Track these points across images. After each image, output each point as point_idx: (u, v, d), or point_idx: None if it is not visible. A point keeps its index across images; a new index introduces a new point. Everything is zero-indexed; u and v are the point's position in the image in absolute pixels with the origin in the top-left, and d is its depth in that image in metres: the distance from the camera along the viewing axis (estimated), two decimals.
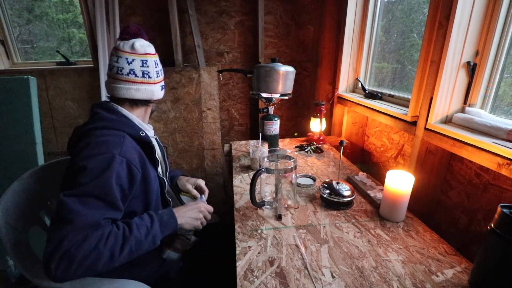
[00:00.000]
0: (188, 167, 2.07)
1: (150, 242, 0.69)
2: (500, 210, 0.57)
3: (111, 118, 0.77)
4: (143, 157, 0.78)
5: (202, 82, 1.92)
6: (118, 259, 0.63)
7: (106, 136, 0.72)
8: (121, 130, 0.75)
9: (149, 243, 0.69)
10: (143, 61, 0.81)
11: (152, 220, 0.72)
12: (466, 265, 0.69)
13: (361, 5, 1.64)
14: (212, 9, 1.93)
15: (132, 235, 0.66)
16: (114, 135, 0.73)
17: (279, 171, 0.87)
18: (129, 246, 0.65)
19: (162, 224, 0.73)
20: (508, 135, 0.78)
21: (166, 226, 0.74)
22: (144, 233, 0.69)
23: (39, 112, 1.83)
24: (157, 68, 0.85)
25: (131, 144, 0.75)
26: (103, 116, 0.77)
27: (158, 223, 0.72)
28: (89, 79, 1.92)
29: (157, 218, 0.73)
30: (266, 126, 1.35)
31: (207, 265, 0.97)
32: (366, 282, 0.64)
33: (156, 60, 0.86)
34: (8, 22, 1.93)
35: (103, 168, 0.66)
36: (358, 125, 1.72)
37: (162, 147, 1.00)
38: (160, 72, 0.87)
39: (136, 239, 0.66)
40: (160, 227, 0.72)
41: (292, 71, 1.27)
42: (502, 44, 0.88)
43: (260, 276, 0.67)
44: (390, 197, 0.86)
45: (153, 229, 0.70)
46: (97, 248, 0.60)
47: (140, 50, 0.81)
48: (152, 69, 0.83)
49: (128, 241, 0.65)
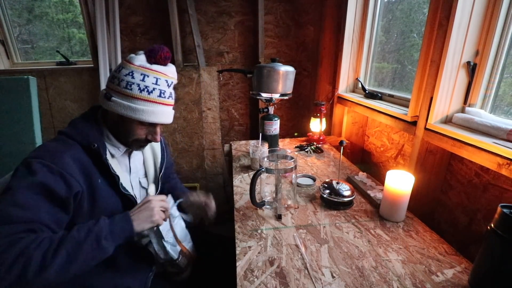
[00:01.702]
0: (188, 167, 2.07)
1: (92, 242, 0.63)
2: (500, 210, 0.57)
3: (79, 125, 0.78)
4: (89, 170, 0.73)
5: (202, 82, 1.92)
6: (52, 264, 0.57)
7: (53, 142, 0.73)
8: (74, 139, 0.74)
9: (92, 245, 0.63)
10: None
11: (98, 221, 0.68)
12: (466, 265, 0.69)
13: (361, 5, 1.64)
14: (212, 9, 1.93)
15: (68, 236, 0.62)
16: (63, 141, 0.73)
17: (279, 171, 0.87)
18: (64, 249, 0.59)
19: (111, 224, 0.68)
20: (508, 135, 0.78)
21: (118, 226, 0.69)
22: (84, 233, 0.64)
23: (39, 112, 1.83)
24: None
25: (73, 156, 0.71)
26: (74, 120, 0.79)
27: (104, 223, 0.68)
28: (89, 79, 1.92)
29: (105, 219, 0.69)
30: (266, 126, 1.35)
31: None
32: (366, 282, 0.64)
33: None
34: (8, 22, 1.93)
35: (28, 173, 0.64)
36: (358, 125, 1.72)
37: (159, 162, 0.97)
38: None
39: (74, 240, 0.62)
40: (108, 226, 0.68)
41: (292, 71, 1.27)
42: (502, 44, 0.88)
43: (260, 276, 0.67)
44: (390, 197, 0.86)
45: (97, 228, 0.66)
46: (26, 252, 0.56)
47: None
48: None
49: (64, 243, 0.60)
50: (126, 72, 0.75)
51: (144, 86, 0.75)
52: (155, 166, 0.99)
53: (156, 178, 0.98)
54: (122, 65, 0.77)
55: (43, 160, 0.66)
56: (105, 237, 0.65)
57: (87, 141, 0.74)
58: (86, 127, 0.78)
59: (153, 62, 0.78)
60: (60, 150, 0.70)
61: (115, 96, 0.75)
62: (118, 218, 0.72)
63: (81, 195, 0.71)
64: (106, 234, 0.66)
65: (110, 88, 0.77)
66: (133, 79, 0.75)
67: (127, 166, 0.89)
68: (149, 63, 0.77)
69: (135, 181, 0.91)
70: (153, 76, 0.76)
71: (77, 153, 0.72)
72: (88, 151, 0.74)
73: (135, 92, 0.74)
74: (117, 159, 0.84)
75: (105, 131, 0.82)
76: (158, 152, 1.00)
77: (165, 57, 0.79)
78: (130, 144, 0.84)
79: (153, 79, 0.76)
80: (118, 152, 0.84)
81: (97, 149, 0.74)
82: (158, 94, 0.77)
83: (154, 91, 0.77)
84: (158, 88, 0.77)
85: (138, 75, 0.75)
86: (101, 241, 0.64)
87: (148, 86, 0.76)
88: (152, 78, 0.76)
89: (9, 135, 1.76)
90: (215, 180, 2.12)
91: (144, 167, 0.96)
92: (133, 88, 0.74)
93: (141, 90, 0.75)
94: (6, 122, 1.75)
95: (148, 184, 0.95)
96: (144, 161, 0.96)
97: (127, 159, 0.89)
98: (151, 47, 0.78)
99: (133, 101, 0.75)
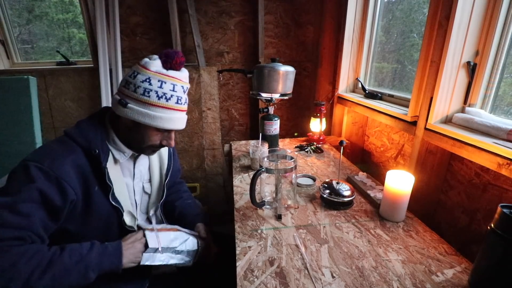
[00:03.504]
0: (188, 167, 2.07)
1: (81, 271, 0.63)
2: (500, 210, 0.57)
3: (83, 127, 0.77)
4: (87, 177, 0.72)
5: (202, 82, 1.92)
6: (36, 286, 0.57)
7: (56, 143, 0.73)
8: (77, 142, 0.72)
9: (79, 273, 0.63)
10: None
11: (91, 248, 0.67)
12: (466, 265, 0.69)
13: (361, 5, 1.64)
14: (212, 9, 1.93)
15: (59, 259, 0.61)
16: (65, 144, 0.72)
17: (279, 171, 0.87)
18: (52, 273, 0.59)
19: (103, 255, 0.67)
20: (508, 135, 0.78)
21: (108, 260, 0.68)
22: (76, 260, 0.63)
23: (39, 112, 1.83)
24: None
25: (74, 161, 0.70)
26: (80, 122, 0.78)
27: (97, 253, 0.66)
28: (89, 79, 1.92)
29: (98, 247, 0.68)
30: (266, 126, 1.35)
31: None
32: (366, 282, 0.64)
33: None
34: (8, 22, 1.93)
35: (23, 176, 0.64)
36: (358, 125, 1.72)
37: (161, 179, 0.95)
38: None
39: (64, 265, 0.61)
40: (99, 257, 0.66)
41: (292, 71, 1.27)
42: (502, 44, 0.88)
43: (260, 276, 0.67)
44: (390, 197, 0.86)
45: (88, 258, 0.65)
46: (16, 266, 0.55)
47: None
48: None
49: (53, 266, 0.60)
50: (143, 78, 0.73)
51: (162, 93, 0.74)
52: (160, 172, 0.96)
53: (161, 185, 0.96)
54: (137, 70, 0.74)
55: (42, 166, 0.65)
56: (93, 269, 0.65)
57: (88, 146, 0.73)
58: (91, 130, 0.76)
59: (169, 68, 0.76)
60: (61, 155, 0.69)
61: (131, 103, 0.73)
62: (110, 249, 0.70)
63: (75, 203, 0.70)
64: (94, 266, 0.65)
65: (125, 94, 0.75)
66: (151, 86, 0.73)
67: (131, 171, 0.87)
68: (165, 68, 0.76)
69: (138, 187, 0.89)
70: (170, 82, 0.75)
71: (78, 159, 0.71)
72: (89, 155, 0.73)
73: (153, 99, 0.73)
74: (121, 164, 0.83)
75: (111, 135, 0.80)
76: (165, 158, 0.98)
77: (180, 62, 0.77)
78: (143, 149, 0.82)
79: (171, 86, 0.75)
80: (123, 157, 0.82)
81: (98, 155, 0.73)
82: (176, 101, 0.77)
83: (172, 98, 0.75)
84: (175, 95, 0.76)
85: (156, 81, 0.73)
86: (88, 272, 0.64)
87: (166, 93, 0.74)
88: (170, 84, 0.75)
89: (9, 135, 1.76)
90: (215, 180, 2.12)
91: (149, 172, 0.94)
92: (151, 95, 0.73)
93: (159, 97, 0.74)
94: (6, 122, 1.75)
95: (152, 190, 0.93)
96: (150, 166, 0.94)
97: (131, 164, 0.87)
98: (166, 51, 0.76)
99: (152, 108, 0.73)
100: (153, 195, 0.94)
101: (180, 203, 1.06)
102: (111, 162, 0.78)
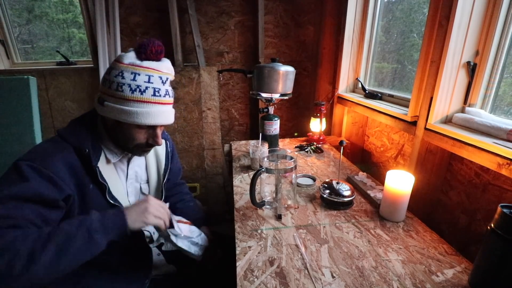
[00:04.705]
0: (188, 167, 2.07)
1: (84, 235, 0.60)
2: (500, 210, 0.57)
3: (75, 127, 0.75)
4: (80, 175, 0.70)
5: (202, 82, 1.92)
6: (41, 258, 0.54)
7: (47, 143, 0.71)
8: (68, 141, 0.71)
9: (84, 238, 0.59)
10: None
11: (90, 214, 0.64)
12: (466, 265, 0.69)
13: (361, 5, 1.64)
14: (212, 9, 1.93)
15: (58, 228, 0.59)
16: (56, 143, 0.71)
17: (279, 171, 0.87)
18: (54, 242, 0.56)
19: (103, 217, 0.65)
20: (508, 135, 0.78)
21: (110, 220, 0.65)
22: (76, 225, 0.60)
23: (39, 112, 1.83)
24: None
25: (65, 159, 0.68)
26: (72, 122, 0.77)
27: (96, 216, 0.64)
28: (89, 79, 1.92)
29: (97, 212, 0.65)
30: (266, 126, 1.35)
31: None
32: (366, 282, 0.64)
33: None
34: (8, 22, 1.93)
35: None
36: (358, 125, 1.72)
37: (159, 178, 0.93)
38: None
39: (65, 231, 0.58)
40: (100, 219, 0.64)
41: (292, 71, 1.27)
42: (502, 44, 0.88)
43: (260, 276, 0.67)
44: (390, 197, 0.86)
45: (88, 221, 0.62)
46: (12, 247, 0.53)
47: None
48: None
49: (54, 236, 0.57)
50: (116, 72, 0.69)
51: (135, 86, 0.69)
52: (158, 172, 0.94)
53: (160, 185, 0.94)
54: (112, 65, 0.71)
55: (33, 164, 0.63)
56: (97, 231, 0.61)
57: (79, 145, 0.70)
58: (82, 130, 0.74)
59: (143, 59, 0.71)
60: (52, 153, 0.67)
61: (107, 100, 0.70)
62: (110, 212, 0.68)
63: (73, 199, 0.68)
64: (97, 228, 0.62)
65: (103, 91, 0.72)
66: (123, 80, 0.68)
67: (125, 172, 0.85)
68: (139, 59, 0.71)
69: (131, 187, 0.87)
70: (144, 73, 0.70)
71: (69, 157, 0.69)
72: (80, 155, 0.71)
73: (126, 94, 0.68)
74: (114, 164, 0.81)
75: (104, 134, 0.77)
76: (162, 157, 0.95)
77: (156, 51, 0.71)
78: (132, 150, 0.79)
79: (145, 77, 0.70)
80: (115, 157, 0.80)
81: (88, 154, 0.70)
82: (152, 93, 0.71)
83: (147, 90, 0.70)
84: (151, 87, 0.71)
85: (128, 74, 0.69)
86: (93, 235, 0.60)
87: (140, 85, 0.69)
88: (144, 76, 0.70)
89: (9, 135, 1.76)
90: (215, 180, 2.12)
91: (147, 172, 0.92)
92: (124, 89, 0.68)
93: (132, 91, 0.69)
94: (6, 122, 1.75)
95: (150, 191, 0.92)
96: (147, 166, 0.92)
97: (125, 165, 0.85)
98: (140, 41, 0.71)
99: (126, 103, 0.69)
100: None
101: (182, 205, 1.05)
102: (103, 161, 0.76)
